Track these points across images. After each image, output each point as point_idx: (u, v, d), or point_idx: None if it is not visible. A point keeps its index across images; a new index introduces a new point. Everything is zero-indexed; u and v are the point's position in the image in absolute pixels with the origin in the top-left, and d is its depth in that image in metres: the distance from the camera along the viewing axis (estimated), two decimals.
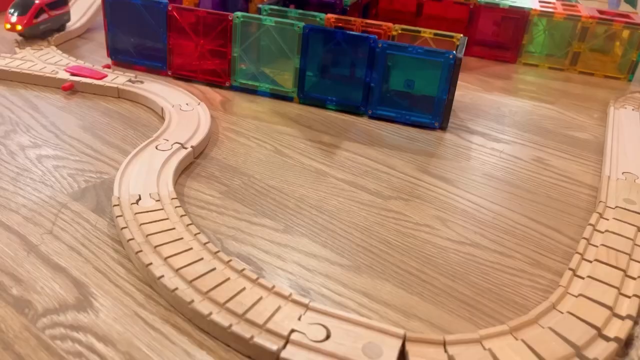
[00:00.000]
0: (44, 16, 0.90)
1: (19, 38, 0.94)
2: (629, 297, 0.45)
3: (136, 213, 0.50)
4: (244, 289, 0.43)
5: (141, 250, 0.46)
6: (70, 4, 1.09)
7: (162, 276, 0.43)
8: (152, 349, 0.39)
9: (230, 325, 0.39)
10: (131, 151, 0.62)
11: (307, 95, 0.82)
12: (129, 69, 0.89)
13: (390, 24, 0.87)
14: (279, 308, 0.41)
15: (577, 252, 0.51)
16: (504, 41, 1.11)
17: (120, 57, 0.89)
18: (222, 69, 0.84)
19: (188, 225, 0.50)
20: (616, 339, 0.41)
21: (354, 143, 0.72)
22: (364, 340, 0.39)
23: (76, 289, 0.44)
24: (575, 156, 0.74)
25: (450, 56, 0.74)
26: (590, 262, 0.50)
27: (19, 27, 0.88)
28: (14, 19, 0.88)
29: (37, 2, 0.89)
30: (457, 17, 1.12)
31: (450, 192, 0.63)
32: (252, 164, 0.65)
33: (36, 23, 0.89)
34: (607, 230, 0.54)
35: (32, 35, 0.92)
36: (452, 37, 0.83)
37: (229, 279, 0.44)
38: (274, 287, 0.43)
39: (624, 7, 1.32)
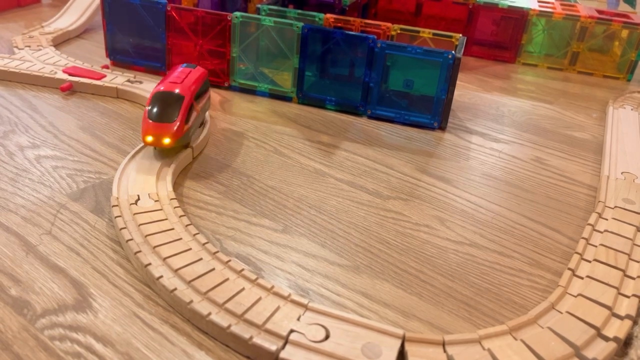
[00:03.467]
0: (193, 115, 0.61)
1: (18, 38, 0.94)
2: (628, 296, 0.45)
3: (135, 213, 0.50)
4: (243, 289, 0.43)
5: (140, 251, 0.46)
6: (67, 4, 1.09)
7: (161, 276, 0.43)
8: (151, 349, 0.39)
9: (230, 326, 0.39)
10: (130, 151, 0.62)
11: (306, 95, 0.82)
12: (127, 69, 0.88)
13: (389, 24, 0.87)
14: (278, 308, 0.41)
15: (576, 252, 0.51)
16: (503, 41, 1.11)
17: (119, 57, 0.89)
18: (221, 69, 0.84)
19: (187, 225, 0.50)
20: (615, 339, 0.41)
21: (353, 143, 0.72)
22: (363, 340, 0.39)
23: (75, 290, 0.44)
24: (574, 156, 0.74)
25: (449, 56, 0.74)
26: (590, 262, 0.50)
27: (166, 141, 0.57)
28: (158, 128, 0.57)
29: (184, 95, 0.60)
30: (456, 17, 1.12)
31: (449, 192, 0.63)
32: (251, 164, 0.65)
33: (188, 129, 0.60)
34: (606, 230, 0.54)
35: (180, 144, 0.60)
36: (451, 37, 0.83)
37: (228, 279, 0.44)
38: (273, 287, 0.43)
39: (623, 7, 1.32)
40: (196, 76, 0.64)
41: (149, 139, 0.57)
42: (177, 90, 0.60)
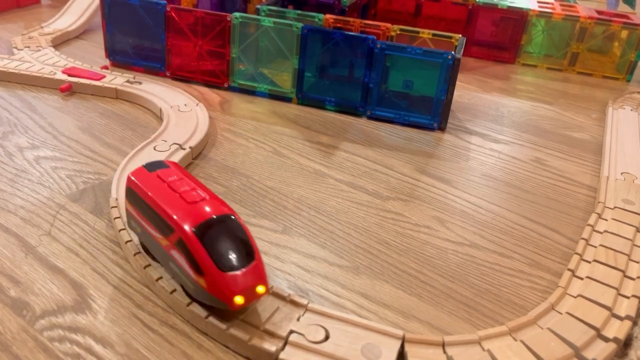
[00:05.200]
0: None
1: (17, 38, 0.94)
2: (628, 297, 0.45)
3: None
4: None
5: (139, 252, 0.46)
6: (67, 5, 1.09)
7: (161, 277, 0.43)
8: (151, 351, 0.39)
9: (229, 327, 0.39)
10: (129, 152, 0.62)
11: (306, 96, 0.82)
12: (127, 70, 0.88)
13: (388, 25, 0.87)
14: (277, 309, 0.41)
15: (576, 253, 0.51)
16: (503, 42, 1.11)
17: (118, 58, 0.89)
18: (220, 69, 0.84)
19: None
20: (615, 340, 0.41)
21: (353, 144, 0.72)
22: (363, 341, 0.39)
23: (74, 291, 0.44)
24: (573, 156, 0.74)
25: (449, 57, 0.74)
26: (589, 262, 0.50)
27: (261, 290, 0.38)
28: (246, 278, 0.38)
29: (231, 212, 0.41)
30: (455, 18, 1.12)
31: (449, 192, 0.63)
32: (250, 164, 0.65)
33: None
34: (605, 231, 0.54)
35: None
36: (450, 37, 0.83)
37: None
38: (272, 288, 0.43)
39: (623, 8, 1.32)
40: (187, 174, 0.45)
41: (239, 299, 0.37)
42: (223, 213, 0.40)
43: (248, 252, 0.39)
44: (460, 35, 0.82)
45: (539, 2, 1.13)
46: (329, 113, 0.81)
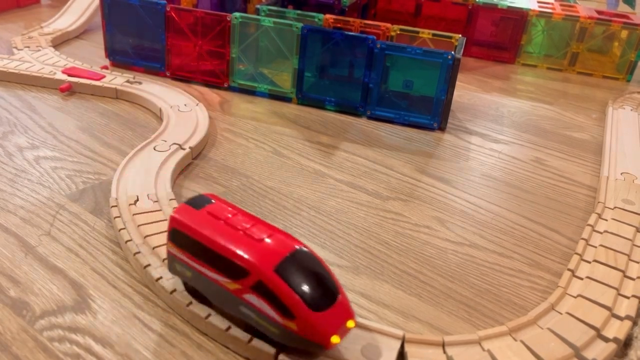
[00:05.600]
0: None
1: (17, 38, 0.94)
2: (628, 297, 0.45)
3: (134, 214, 0.50)
4: None
5: (139, 252, 0.46)
6: (67, 5, 1.09)
7: (161, 277, 0.43)
8: (151, 351, 0.39)
9: (229, 327, 0.39)
10: (129, 152, 0.62)
11: (306, 96, 0.82)
12: (127, 70, 0.88)
13: (388, 25, 0.87)
14: None
15: (575, 253, 0.51)
16: (503, 42, 1.11)
17: (118, 58, 0.89)
18: (220, 69, 0.84)
19: None
20: (615, 340, 0.41)
21: (353, 144, 0.72)
22: (363, 341, 0.39)
23: (74, 291, 0.44)
24: (573, 157, 0.74)
25: (449, 57, 0.74)
26: (589, 262, 0.50)
27: (351, 325, 0.37)
28: (337, 315, 0.36)
29: (302, 245, 0.38)
30: (455, 18, 1.12)
31: (448, 192, 0.63)
32: (250, 164, 0.65)
33: None
34: (605, 231, 0.54)
35: None
36: (450, 37, 0.83)
37: None
38: None
39: (623, 8, 1.32)
40: (235, 206, 0.41)
41: (336, 339, 0.35)
42: (297, 247, 0.37)
43: (332, 286, 0.37)
44: (460, 35, 0.82)
45: (539, 2, 1.13)
46: (329, 113, 0.81)
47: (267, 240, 0.37)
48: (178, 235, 0.39)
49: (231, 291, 0.37)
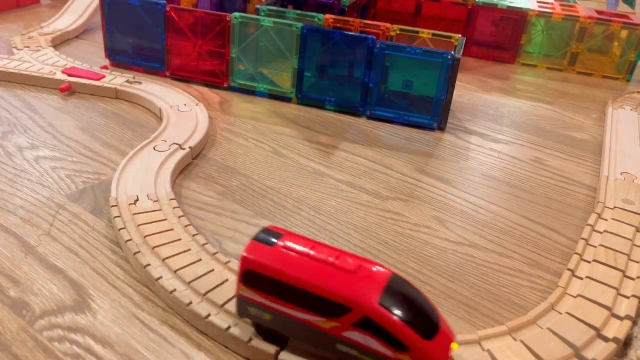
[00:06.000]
0: None
1: (17, 38, 0.94)
2: (628, 297, 0.45)
3: (134, 214, 0.50)
4: None
5: (139, 252, 0.46)
6: (67, 5, 1.09)
7: (161, 277, 0.43)
8: (151, 351, 0.39)
9: (229, 327, 0.39)
10: (129, 152, 0.62)
11: (306, 96, 0.82)
12: (127, 70, 0.88)
13: (388, 25, 0.87)
14: None
15: (575, 253, 0.51)
16: (503, 42, 1.11)
17: (118, 58, 0.89)
18: (220, 69, 0.84)
19: (186, 226, 0.49)
20: (615, 340, 0.41)
21: (353, 144, 0.72)
22: None
23: (74, 291, 0.44)
24: (573, 157, 0.74)
25: (449, 57, 0.74)
26: (589, 262, 0.50)
27: (456, 347, 0.36)
28: (444, 340, 0.35)
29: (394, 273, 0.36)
30: (455, 18, 1.12)
31: (448, 192, 0.63)
32: (250, 165, 0.65)
33: None
34: (605, 231, 0.54)
35: None
36: (450, 37, 0.83)
37: (227, 280, 0.44)
38: None
39: (623, 8, 1.32)
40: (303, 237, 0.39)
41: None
42: (391, 275, 0.36)
43: (433, 310, 0.35)
44: (460, 36, 0.82)
45: (539, 2, 1.13)
46: (328, 113, 0.81)
47: (360, 271, 0.35)
48: (254, 277, 0.36)
49: (326, 330, 0.35)
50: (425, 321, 0.34)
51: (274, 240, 0.37)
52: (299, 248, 0.36)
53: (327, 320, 0.34)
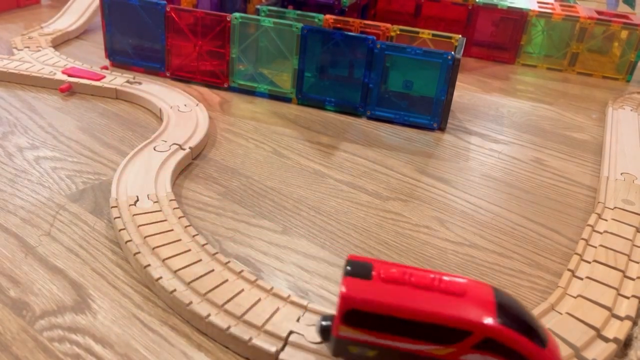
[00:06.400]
0: None
1: (17, 38, 0.94)
2: (628, 297, 0.45)
3: (134, 214, 0.50)
4: (242, 290, 0.43)
5: (139, 252, 0.46)
6: (67, 5, 1.09)
7: (161, 277, 0.43)
8: (150, 351, 0.39)
9: (229, 327, 0.39)
10: (129, 152, 0.62)
11: (306, 96, 0.82)
12: (127, 70, 0.88)
13: (388, 25, 0.87)
14: (277, 309, 0.41)
15: (575, 253, 0.51)
16: (503, 42, 1.11)
17: (118, 58, 0.89)
18: (220, 70, 0.84)
19: (186, 226, 0.49)
20: (615, 340, 0.41)
21: (353, 144, 0.72)
22: None
23: (74, 291, 0.44)
24: (573, 157, 0.74)
25: (449, 57, 0.74)
26: (589, 262, 0.50)
27: None
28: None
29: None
30: (455, 18, 1.12)
31: (448, 193, 0.63)
32: (250, 165, 0.65)
33: None
34: (605, 231, 0.54)
35: None
36: (450, 37, 0.83)
37: (227, 280, 0.44)
38: (272, 288, 0.43)
39: (622, 8, 1.32)
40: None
41: None
42: (494, 290, 0.35)
43: (531, 314, 0.35)
44: (460, 36, 0.82)
45: (538, 2, 1.13)
46: (328, 113, 0.81)
47: (468, 292, 0.34)
48: (359, 316, 0.34)
49: (441, 357, 0.34)
50: (536, 329, 0.33)
51: (369, 272, 0.35)
52: (397, 277, 0.34)
53: (444, 347, 0.33)
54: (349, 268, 0.35)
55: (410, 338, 0.33)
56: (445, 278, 0.35)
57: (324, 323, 0.36)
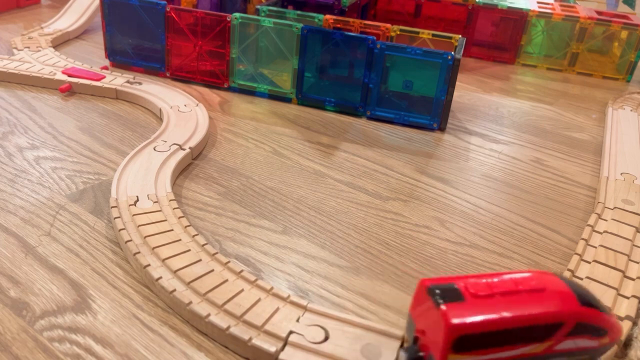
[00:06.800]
0: None
1: (17, 39, 0.94)
2: (628, 298, 0.45)
3: (134, 214, 0.50)
4: (242, 290, 0.43)
5: (139, 252, 0.46)
6: (67, 5, 1.09)
7: (160, 277, 0.43)
8: (150, 351, 0.39)
9: (229, 327, 0.39)
10: (129, 152, 0.62)
11: (306, 96, 0.82)
12: (127, 70, 0.88)
13: (388, 25, 0.87)
14: (277, 309, 0.41)
15: (575, 253, 0.51)
16: (503, 42, 1.11)
17: (118, 58, 0.89)
18: (220, 70, 0.84)
19: (186, 226, 0.49)
20: None
21: (353, 144, 0.72)
22: (363, 341, 0.39)
23: (74, 291, 0.44)
24: (573, 157, 0.74)
25: (449, 57, 0.74)
26: (589, 263, 0.50)
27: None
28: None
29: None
30: (455, 18, 1.12)
31: (448, 193, 0.63)
32: (250, 165, 0.65)
33: None
34: (605, 231, 0.54)
35: None
36: (450, 38, 0.83)
37: (227, 280, 0.44)
38: (272, 288, 0.43)
39: (622, 8, 1.32)
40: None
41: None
42: (553, 275, 0.37)
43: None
44: (460, 36, 0.82)
45: (538, 2, 1.13)
46: (328, 113, 0.81)
47: (547, 286, 0.35)
48: (470, 340, 0.33)
49: (539, 353, 0.35)
50: (599, 301, 0.36)
51: (458, 293, 0.34)
52: (484, 289, 0.35)
53: (541, 343, 0.34)
54: (439, 296, 0.34)
55: (512, 345, 0.34)
56: (517, 276, 0.35)
57: (413, 355, 0.35)
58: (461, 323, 0.32)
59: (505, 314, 0.33)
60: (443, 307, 0.33)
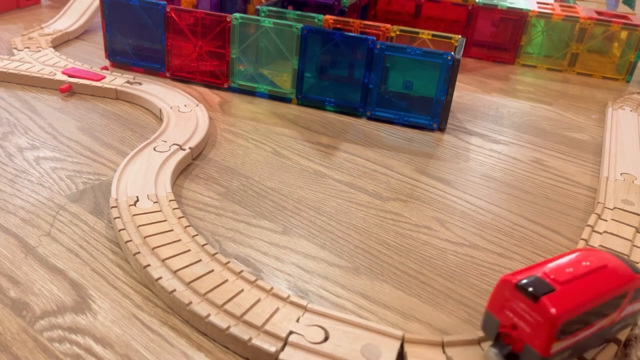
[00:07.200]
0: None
1: (17, 39, 0.94)
2: None
3: (134, 215, 0.50)
4: (242, 290, 0.43)
5: (139, 252, 0.46)
6: (67, 6, 1.09)
7: (160, 278, 0.43)
8: (150, 351, 0.39)
9: (229, 327, 0.39)
10: (129, 153, 0.62)
11: (306, 97, 0.82)
12: (127, 71, 0.88)
13: (388, 25, 0.87)
14: (277, 310, 0.41)
15: None
16: (502, 42, 1.11)
17: (118, 58, 0.89)
18: (220, 70, 0.84)
19: (186, 226, 0.49)
20: (615, 340, 0.41)
21: (353, 144, 0.72)
22: (363, 341, 0.39)
23: (74, 291, 0.44)
24: (573, 157, 0.74)
25: (449, 57, 0.74)
26: None
27: None
28: None
29: None
30: (455, 18, 1.12)
31: (448, 193, 0.63)
32: (250, 165, 0.65)
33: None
34: (605, 232, 0.54)
35: None
36: (450, 38, 0.83)
37: (227, 280, 0.44)
38: (272, 288, 0.43)
39: (622, 8, 1.32)
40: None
41: None
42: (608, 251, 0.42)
43: None
44: (459, 36, 0.83)
45: (538, 2, 1.13)
46: (328, 114, 0.81)
47: (607, 263, 0.38)
48: (569, 324, 0.35)
49: (611, 323, 0.38)
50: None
51: (546, 283, 0.36)
52: (567, 275, 0.37)
53: (612, 314, 0.38)
54: (533, 290, 0.35)
55: (595, 322, 0.37)
56: (579, 258, 0.39)
57: (504, 351, 0.37)
58: (562, 311, 0.34)
59: (593, 295, 0.36)
60: (544, 300, 0.35)
